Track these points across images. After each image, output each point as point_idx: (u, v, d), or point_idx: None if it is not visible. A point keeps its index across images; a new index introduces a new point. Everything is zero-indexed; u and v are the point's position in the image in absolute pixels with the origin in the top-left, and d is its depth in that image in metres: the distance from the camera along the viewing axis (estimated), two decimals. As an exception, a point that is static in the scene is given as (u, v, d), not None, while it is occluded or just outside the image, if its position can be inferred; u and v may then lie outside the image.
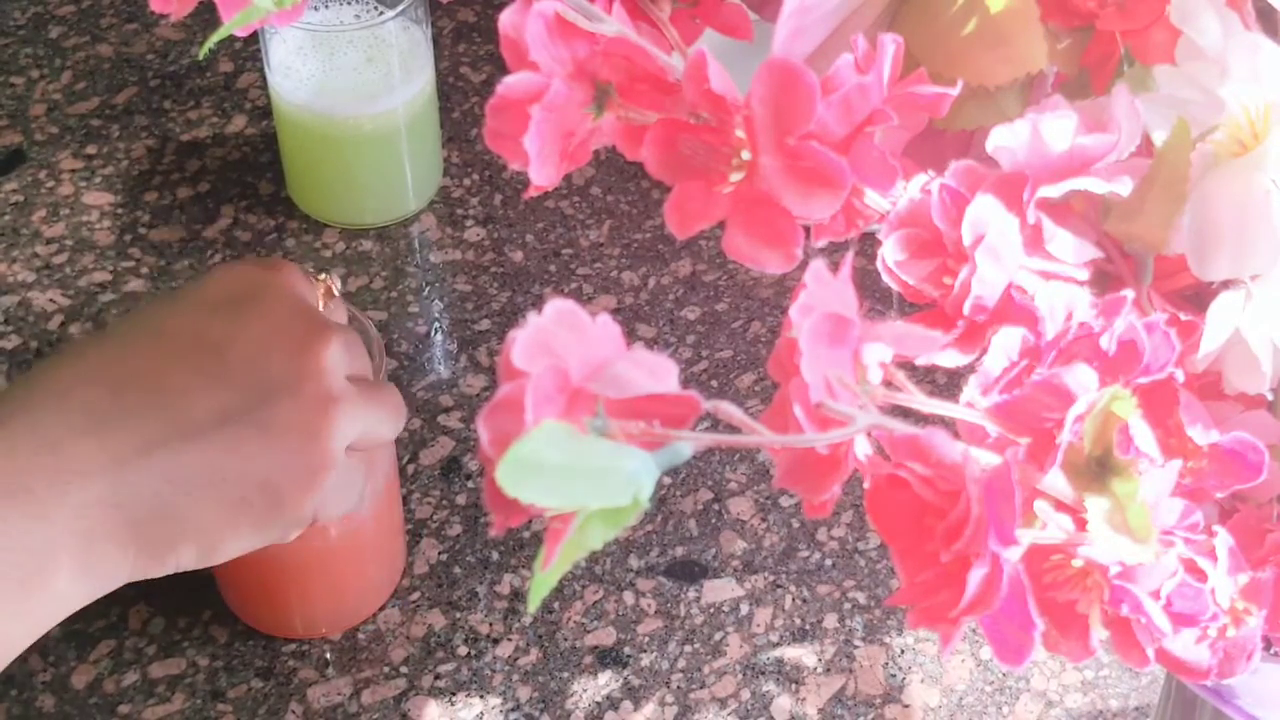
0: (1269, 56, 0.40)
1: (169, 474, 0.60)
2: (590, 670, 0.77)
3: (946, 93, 0.42)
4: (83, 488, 0.59)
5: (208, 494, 0.61)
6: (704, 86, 0.41)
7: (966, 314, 0.41)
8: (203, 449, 0.61)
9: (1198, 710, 0.59)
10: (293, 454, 0.63)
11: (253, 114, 1.01)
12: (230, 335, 0.63)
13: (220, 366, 0.63)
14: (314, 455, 0.63)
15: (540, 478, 0.33)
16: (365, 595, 0.79)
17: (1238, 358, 0.42)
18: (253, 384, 0.63)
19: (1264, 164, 0.40)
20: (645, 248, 0.94)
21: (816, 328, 0.37)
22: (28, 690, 0.76)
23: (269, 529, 0.63)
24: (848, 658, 0.78)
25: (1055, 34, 0.46)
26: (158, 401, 0.61)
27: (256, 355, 0.63)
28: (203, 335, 0.64)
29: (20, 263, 0.93)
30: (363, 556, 0.77)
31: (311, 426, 0.63)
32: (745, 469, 0.84)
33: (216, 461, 0.61)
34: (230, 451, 0.61)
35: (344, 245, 0.94)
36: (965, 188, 0.42)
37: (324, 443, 0.63)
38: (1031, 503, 0.39)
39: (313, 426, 0.63)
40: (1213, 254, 0.41)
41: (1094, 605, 0.40)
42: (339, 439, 0.64)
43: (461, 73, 1.04)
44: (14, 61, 1.04)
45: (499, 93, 0.41)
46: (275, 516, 0.63)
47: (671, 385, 0.35)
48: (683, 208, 0.42)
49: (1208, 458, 0.41)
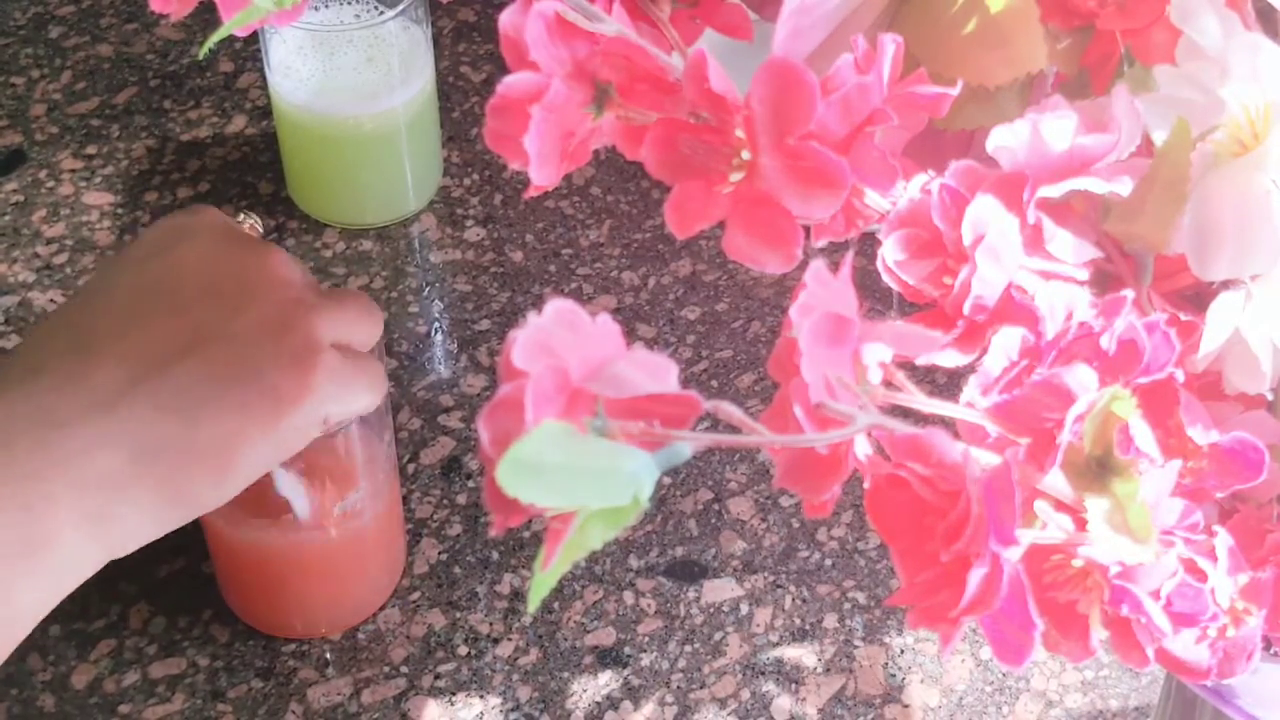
0: (1269, 56, 0.40)
1: (157, 404, 0.60)
2: (590, 670, 0.77)
3: (946, 93, 0.42)
4: (68, 437, 0.58)
5: (202, 411, 0.60)
6: (704, 86, 0.41)
7: (966, 314, 0.41)
8: (183, 372, 0.61)
9: (1198, 710, 0.59)
10: (274, 347, 0.62)
11: (253, 114, 1.01)
12: (177, 272, 0.64)
13: (176, 300, 0.63)
14: (294, 343, 0.62)
15: (540, 478, 0.33)
16: (365, 595, 0.79)
17: (1238, 358, 0.42)
18: (211, 306, 0.63)
19: (1264, 164, 0.40)
20: (645, 248, 0.94)
21: (816, 328, 0.37)
22: (28, 690, 0.76)
23: (280, 431, 0.62)
24: (848, 658, 0.78)
25: (1055, 34, 0.46)
26: (126, 346, 0.61)
27: (207, 281, 0.64)
28: (151, 280, 0.64)
29: (20, 263, 0.93)
30: (363, 556, 0.77)
31: (283, 319, 0.63)
32: (745, 469, 0.84)
33: (200, 380, 0.61)
34: (211, 365, 0.61)
35: (344, 245, 0.94)
36: (965, 188, 0.42)
37: (300, 331, 0.63)
38: (1031, 503, 0.39)
39: (284, 319, 0.63)
40: (1213, 254, 0.41)
41: (1094, 605, 0.40)
42: (314, 326, 0.63)
43: (461, 73, 1.04)
44: (14, 61, 1.04)
45: (499, 93, 0.41)
46: (279, 414, 0.62)
47: (671, 385, 0.35)
48: (683, 208, 0.42)
49: (1208, 458, 0.41)
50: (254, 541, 0.74)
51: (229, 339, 0.62)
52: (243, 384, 0.61)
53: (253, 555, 0.75)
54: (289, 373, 0.62)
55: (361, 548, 0.76)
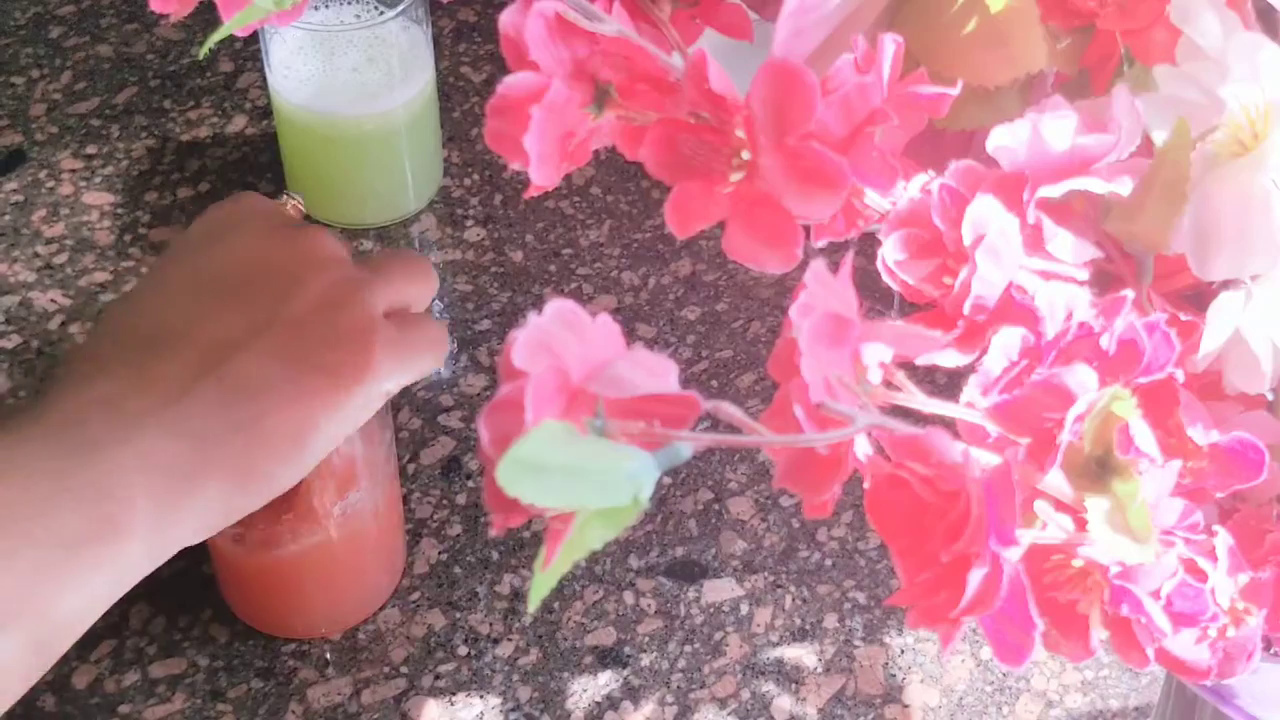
0: (1269, 56, 0.40)
1: (222, 394, 0.61)
2: (590, 670, 0.77)
3: (946, 93, 0.42)
4: (140, 428, 0.59)
5: (267, 399, 0.61)
6: (704, 86, 0.41)
7: (966, 314, 0.41)
8: (244, 361, 0.62)
9: (1198, 710, 0.59)
10: (330, 329, 0.63)
11: (253, 114, 1.01)
12: (227, 262, 0.66)
13: (230, 290, 0.64)
14: (350, 321, 0.64)
15: (540, 478, 0.33)
16: (365, 595, 0.79)
17: (1238, 358, 0.42)
18: (265, 293, 0.64)
19: (1264, 164, 0.40)
20: (645, 248, 0.94)
21: (816, 328, 0.37)
22: (29, 690, 0.76)
23: (347, 406, 0.63)
24: (848, 658, 0.78)
25: (1055, 34, 0.46)
26: (186, 341, 0.62)
27: (258, 269, 0.65)
28: (205, 273, 0.66)
29: (20, 263, 0.93)
30: (363, 556, 0.77)
31: (335, 298, 0.64)
32: (745, 469, 0.84)
33: (261, 368, 0.62)
34: (270, 353, 0.62)
35: (344, 245, 0.94)
36: (965, 188, 0.42)
37: (353, 308, 0.64)
38: (1031, 503, 0.39)
39: (336, 298, 0.64)
40: (1213, 254, 0.41)
41: (1094, 605, 0.40)
42: (366, 302, 0.64)
43: (461, 73, 1.04)
44: (14, 61, 1.04)
45: (499, 93, 0.41)
46: (343, 393, 0.63)
47: (671, 385, 0.35)
48: (683, 208, 0.42)
49: (1208, 458, 0.41)
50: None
51: (285, 324, 0.63)
52: (303, 368, 0.62)
53: (252, 555, 0.75)
54: (347, 352, 0.63)
55: (362, 547, 0.76)
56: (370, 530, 0.76)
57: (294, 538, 0.73)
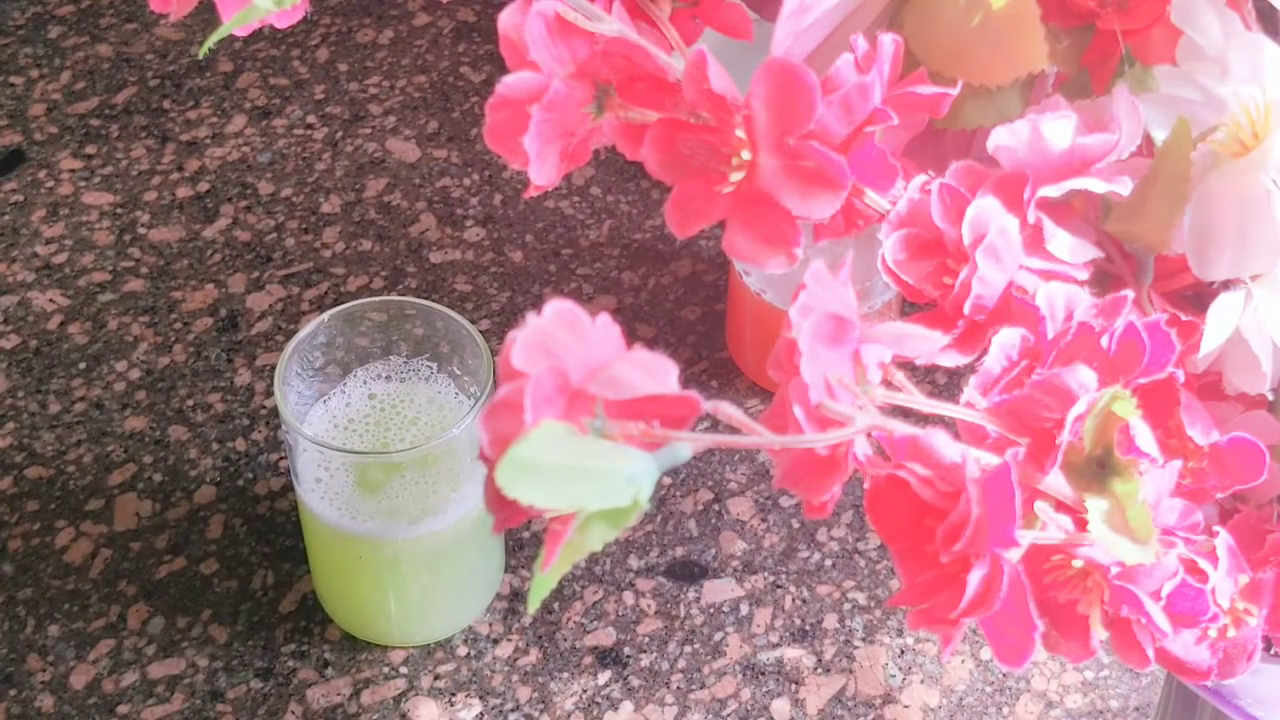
0: (1269, 56, 0.40)
1: None
2: (590, 670, 0.77)
3: (946, 93, 0.42)
4: None
5: None
6: (704, 86, 0.40)
7: (966, 314, 0.41)
8: None
9: (1198, 710, 0.59)
10: None
11: (253, 114, 1.01)
12: None
13: None
14: None
15: (540, 478, 0.33)
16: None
17: (1238, 358, 0.42)
18: None
19: (1264, 164, 0.40)
20: (645, 248, 0.94)
21: (816, 328, 0.37)
22: (27, 690, 0.76)
23: None
24: (848, 658, 0.78)
25: (1055, 34, 0.46)
26: None
27: None
28: None
29: (20, 263, 0.93)
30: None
31: None
32: (745, 469, 0.84)
33: None
34: None
35: (344, 245, 0.94)
36: (965, 188, 0.42)
37: None
38: (1031, 503, 0.39)
39: None
40: (1213, 254, 0.41)
41: (1094, 606, 0.40)
42: None
43: (461, 73, 1.04)
44: (14, 61, 1.04)
45: (499, 92, 0.41)
46: None
47: (671, 385, 0.35)
48: (683, 208, 0.42)
49: (1208, 458, 0.41)
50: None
51: None
52: None
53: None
54: None
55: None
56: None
57: None
